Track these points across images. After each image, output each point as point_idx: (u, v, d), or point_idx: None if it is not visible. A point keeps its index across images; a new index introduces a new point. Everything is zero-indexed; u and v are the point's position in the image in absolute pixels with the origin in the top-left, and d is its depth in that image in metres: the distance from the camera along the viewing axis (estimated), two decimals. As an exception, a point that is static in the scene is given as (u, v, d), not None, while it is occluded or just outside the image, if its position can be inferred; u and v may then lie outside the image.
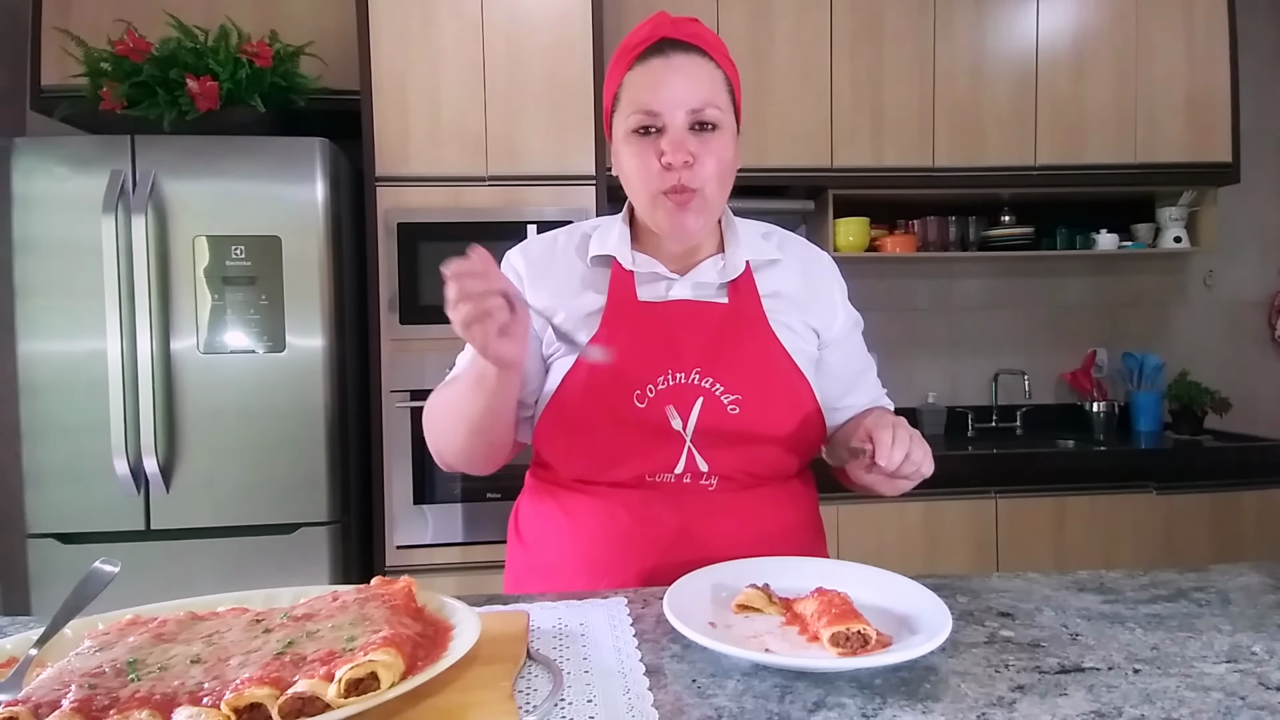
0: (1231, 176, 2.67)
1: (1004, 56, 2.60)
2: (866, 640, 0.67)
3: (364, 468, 2.27)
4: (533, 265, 1.02)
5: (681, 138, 0.91)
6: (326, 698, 0.54)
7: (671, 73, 0.91)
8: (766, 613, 0.76)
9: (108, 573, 0.74)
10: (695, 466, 0.95)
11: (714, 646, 0.66)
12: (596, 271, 1.01)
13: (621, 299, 0.97)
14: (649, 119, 0.92)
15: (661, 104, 0.91)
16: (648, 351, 0.95)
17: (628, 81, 0.94)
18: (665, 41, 0.93)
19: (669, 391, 0.94)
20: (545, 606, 0.83)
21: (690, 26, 0.95)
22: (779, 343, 0.98)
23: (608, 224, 1.05)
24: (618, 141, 0.97)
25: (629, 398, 0.93)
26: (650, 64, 0.92)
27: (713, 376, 0.94)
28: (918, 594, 0.77)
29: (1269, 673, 0.66)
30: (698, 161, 0.91)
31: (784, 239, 1.08)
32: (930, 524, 2.36)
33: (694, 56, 0.93)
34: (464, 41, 2.19)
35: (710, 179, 0.93)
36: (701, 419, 0.94)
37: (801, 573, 0.83)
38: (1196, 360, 2.96)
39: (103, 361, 1.95)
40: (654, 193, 0.93)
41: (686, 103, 0.91)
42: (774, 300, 1.00)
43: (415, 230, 2.18)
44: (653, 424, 0.93)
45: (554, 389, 0.97)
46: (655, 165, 0.92)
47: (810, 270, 1.06)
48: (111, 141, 1.99)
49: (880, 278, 2.95)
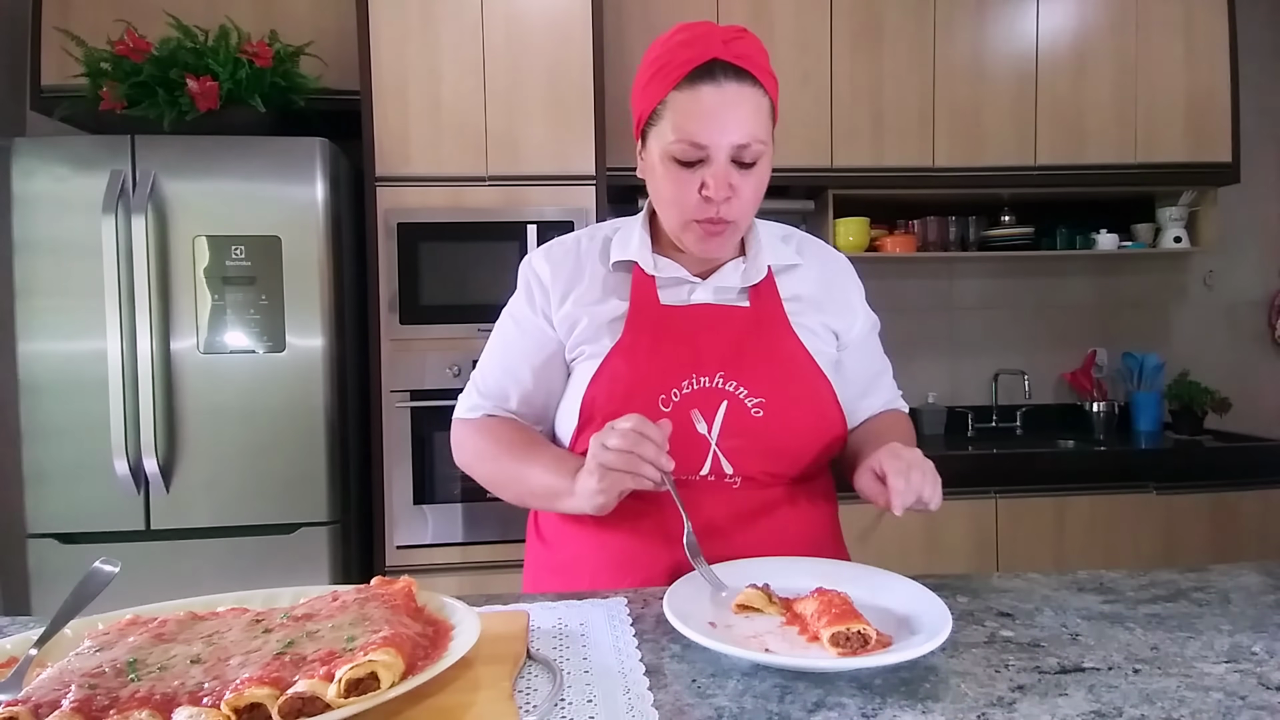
0: (1231, 176, 2.67)
1: (1004, 56, 2.60)
2: (866, 640, 0.67)
3: (364, 468, 2.27)
4: (556, 269, 1.03)
5: (725, 172, 0.91)
6: (326, 698, 0.54)
7: (722, 107, 0.89)
8: (767, 613, 0.76)
9: (108, 573, 0.74)
10: (720, 469, 0.95)
11: (714, 646, 0.66)
12: (618, 276, 1.01)
13: (644, 304, 0.98)
14: (695, 152, 0.90)
15: (709, 138, 0.89)
16: (671, 356, 0.95)
17: (673, 102, 0.90)
18: (716, 64, 0.89)
19: (694, 395, 0.94)
20: (545, 606, 0.83)
21: (741, 46, 0.91)
22: (801, 345, 0.99)
23: (628, 227, 1.05)
24: (654, 158, 0.95)
25: (654, 402, 0.94)
26: (700, 91, 0.89)
27: (736, 380, 0.95)
28: (918, 594, 0.77)
29: (1269, 673, 0.66)
30: (736, 195, 0.92)
31: (803, 241, 1.09)
32: (930, 524, 2.36)
33: (745, 86, 0.90)
34: (464, 41, 2.19)
35: (746, 210, 0.94)
36: (726, 422, 0.94)
37: (802, 573, 0.83)
38: (1196, 360, 2.96)
39: (103, 361, 1.95)
40: (689, 220, 0.94)
41: (735, 139, 0.89)
42: (795, 303, 1.01)
43: (415, 230, 2.18)
44: (678, 428, 0.92)
45: (581, 393, 0.97)
46: (694, 196, 0.92)
47: (829, 273, 1.07)
48: (111, 141, 1.99)
49: (880, 278, 2.94)
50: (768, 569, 0.84)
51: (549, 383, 1.03)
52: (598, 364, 0.97)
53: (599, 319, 0.99)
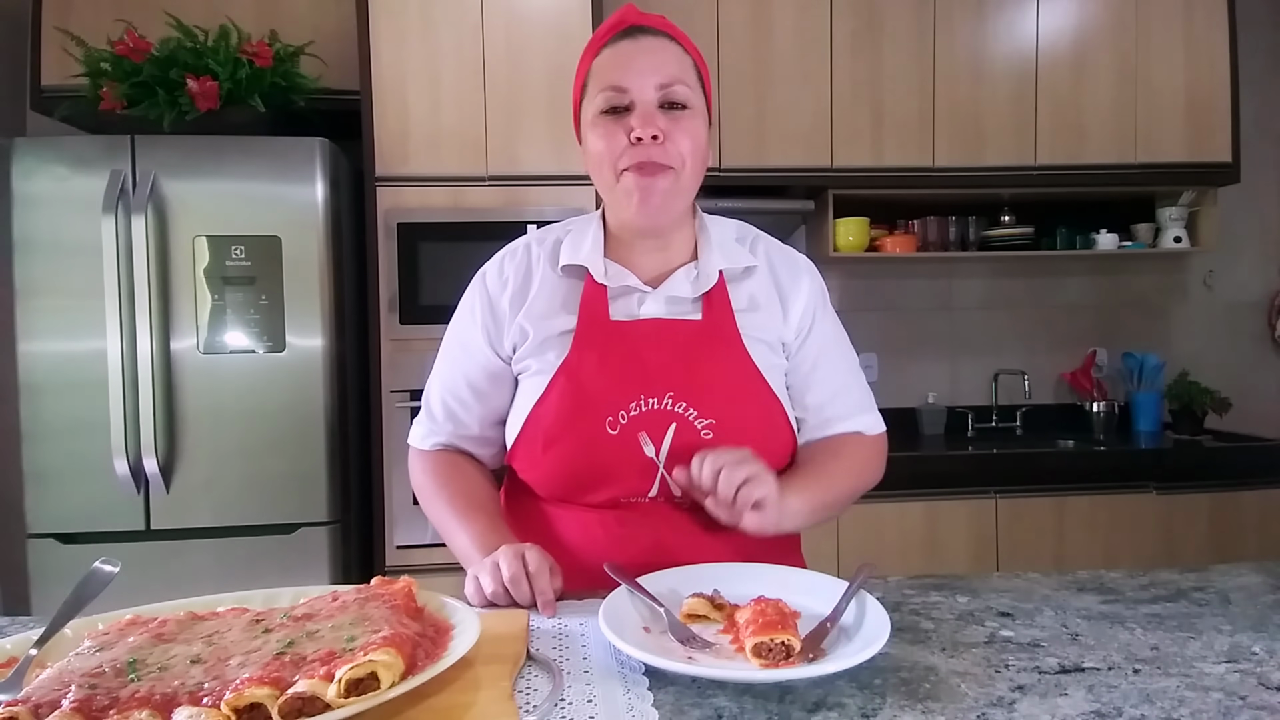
0: (1231, 176, 2.67)
1: (1004, 57, 2.60)
2: (790, 651, 0.65)
3: (364, 468, 2.27)
4: (506, 288, 1.01)
5: (651, 113, 0.90)
6: (326, 698, 0.54)
7: (639, 52, 0.92)
8: (712, 619, 0.76)
9: (108, 573, 0.74)
10: (669, 491, 0.94)
11: (633, 654, 0.65)
12: (569, 284, 0.99)
13: (593, 319, 0.95)
14: (618, 96, 0.91)
15: (630, 79, 0.90)
16: (619, 375, 0.93)
17: (595, 66, 0.94)
18: (633, 28, 0.94)
19: (642, 418, 0.92)
20: (545, 606, 0.83)
21: (656, 18, 0.96)
22: (752, 362, 0.96)
23: (580, 227, 1.03)
24: (585, 128, 0.96)
25: (600, 425, 0.92)
26: (618, 46, 0.93)
27: (686, 400, 0.93)
28: (867, 605, 0.75)
29: (1269, 673, 0.66)
30: (669, 138, 0.90)
31: (756, 240, 1.05)
32: (930, 524, 2.36)
33: (661, 39, 0.94)
34: (464, 41, 2.19)
35: (684, 158, 0.92)
36: (675, 444, 0.92)
37: (762, 581, 0.81)
38: (1196, 360, 2.96)
39: (103, 361, 1.95)
40: (621, 170, 0.91)
41: (655, 78, 0.90)
42: (747, 315, 0.98)
43: (415, 230, 2.18)
44: (626, 450, 0.92)
45: (528, 410, 0.96)
46: (623, 141, 0.90)
47: (783, 275, 1.03)
48: (111, 141, 1.99)
49: (880, 278, 2.95)
50: (724, 575, 0.83)
51: (497, 399, 1.03)
52: (545, 381, 0.95)
53: (547, 332, 0.97)
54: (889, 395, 2.84)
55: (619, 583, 0.80)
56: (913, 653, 0.70)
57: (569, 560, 0.95)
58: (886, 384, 2.88)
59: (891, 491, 2.32)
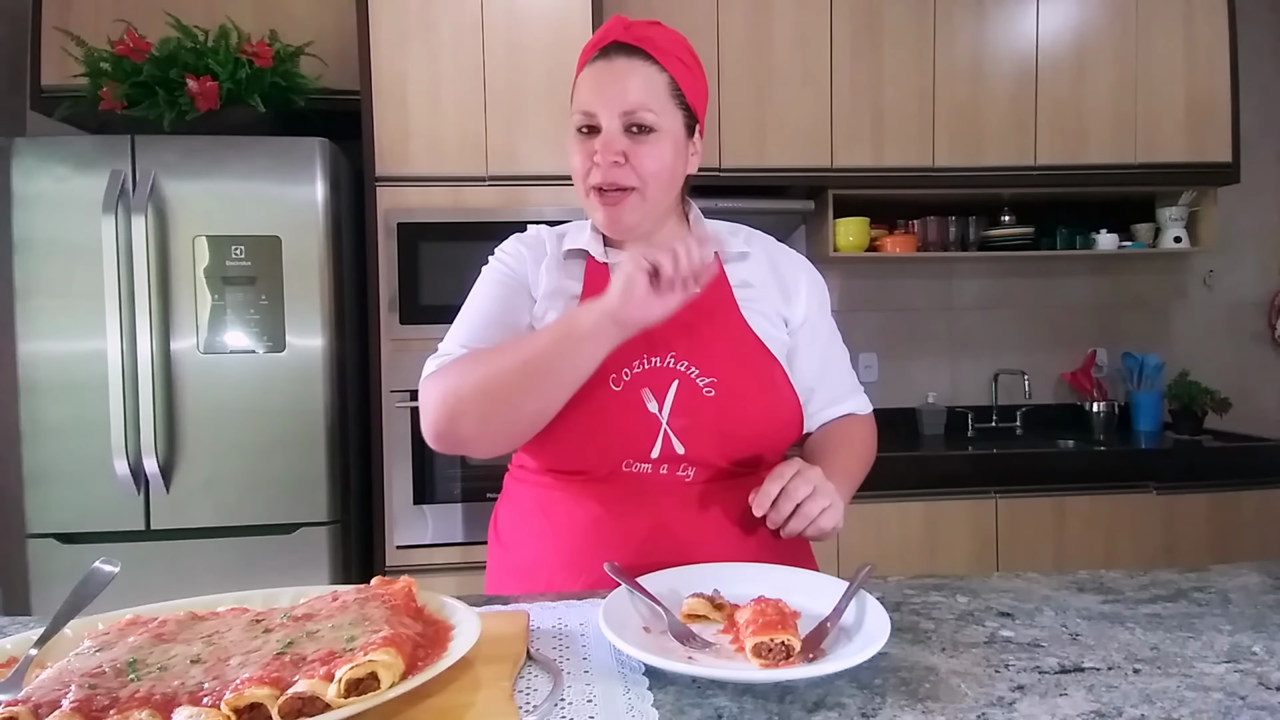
0: (1231, 176, 2.67)
1: (1004, 57, 2.60)
2: (790, 651, 0.65)
3: (364, 468, 2.27)
4: (524, 259, 1.07)
5: (613, 139, 0.95)
6: (326, 698, 0.54)
7: (608, 76, 0.96)
8: (712, 619, 0.76)
9: (108, 573, 0.74)
10: (672, 450, 0.95)
11: (639, 656, 0.65)
12: (572, 264, 1.05)
13: (596, 287, 0.99)
14: (587, 119, 0.97)
15: (597, 105, 0.96)
16: None
17: (577, 83, 1.00)
18: (613, 45, 0.97)
19: (644, 375, 0.96)
20: (545, 606, 0.83)
21: (642, 30, 0.98)
22: (751, 330, 1.01)
23: (579, 225, 1.10)
24: (568, 139, 1.02)
25: (605, 381, 0.94)
26: (595, 67, 0.98)
27: (688, 360, 0.96)
28: (867, 606, 0.75)
29: (1269, 673, 0.66)
30: (631, 161, 0.95)
31: (751, 235, 1.10)
32: (930, 524, 2.36)
33: (635, 60, 0.96)
34: (464, 42, 2.19)
35: (645, 179, 0.96)
36: (677, 401, 0.95)
37: (762, 581, 0.81)
38: (1196, 360, 2.96)
39: (103, 361, 1.94)
40: (587, 188, 0.99)
41: (618, 106, 0.95)
42: (744, 290, 1.03)
43: (415, 230, 2.18)
44: (629, 407, 0.95)
45: None
46: (589, 163, 0.97)
47: (780, 265, 1.08)
48: (111, 141, 1.99)
49: (880, 278, 2.95)
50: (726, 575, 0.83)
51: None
52: None
53: (556, 298, 1.02)
54: (889, 395, 2.84)
55: (619, 583, 0.80)
56: (913, 653, 0.70)
57: (571, 554, 0.96)
58: (886, 384, 2.88)
59: (892, 491, 2.33)
